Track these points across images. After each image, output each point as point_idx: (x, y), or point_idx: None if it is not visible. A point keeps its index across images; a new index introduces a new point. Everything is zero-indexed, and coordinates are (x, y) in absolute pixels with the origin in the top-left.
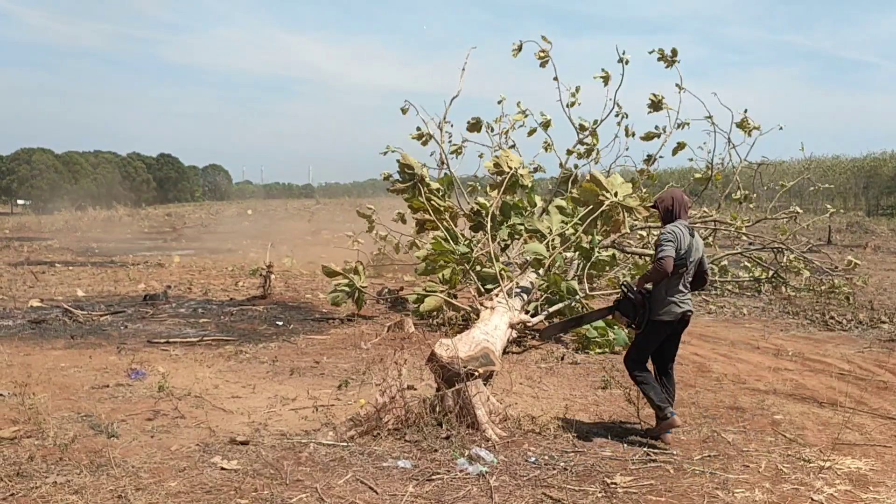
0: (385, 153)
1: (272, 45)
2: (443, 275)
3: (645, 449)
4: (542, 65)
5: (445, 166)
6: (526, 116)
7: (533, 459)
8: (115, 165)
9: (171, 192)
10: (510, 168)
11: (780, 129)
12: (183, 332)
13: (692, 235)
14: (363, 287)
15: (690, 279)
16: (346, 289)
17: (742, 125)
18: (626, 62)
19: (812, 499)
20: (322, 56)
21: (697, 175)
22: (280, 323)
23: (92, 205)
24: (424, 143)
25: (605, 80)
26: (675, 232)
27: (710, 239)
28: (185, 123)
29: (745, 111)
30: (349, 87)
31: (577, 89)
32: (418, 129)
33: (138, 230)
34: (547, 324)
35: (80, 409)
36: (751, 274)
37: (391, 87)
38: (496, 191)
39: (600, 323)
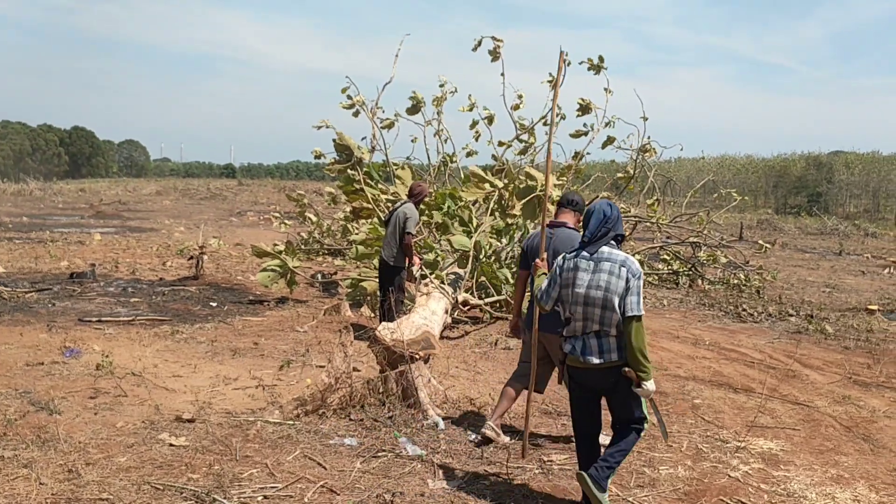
0: (319, 128)
1: (197, 21)
2: (377, 261)
3: None
4: (494, 59)
5: (379, 150)
6: (472, 109)
7: (473, 438)
8: (25, 137)
9: (84, 166)
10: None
11: (681, 149)
12: (114, 312)
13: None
14: (295, 267)
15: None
16: (278, 269)
17: (644, 149)
18: (569, 63)
19: (729, 475)
20: (249, 35)
21: (620, 175)
22: (214, 304)
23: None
24: (356, 115)
25: (553, 84)
26: None
27: (630, 234)
28: (101, 96)
29: (649, 137)
30: (276, 68)
31: (521, 96)
32: (349, 97)
33: (52, 206)
34: (484, 307)
35: (17, 386)
36: (669, 267)
37: (319, 69)
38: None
39: None
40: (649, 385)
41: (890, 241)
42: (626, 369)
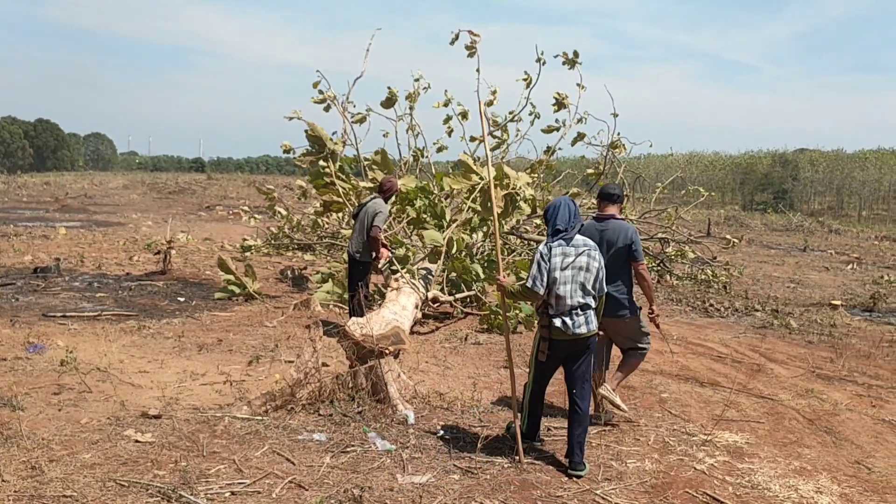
0: (291, 118)
1: (167, 12)
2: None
3: (546, 424)
4: (470, 55)
5: (350, 145)
6: (447, 105)
7: (442, 433)
8: None
9: (49, 159)
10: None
11: (650, 145)
12: (79, 307)
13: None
14: (256, 291)
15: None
16: (236, 289)
17: (614, 145)
18: (544, 62)
19: (695, 468)
20: (220, 27)
21: (590, 171)
22: (182, 299)
23: None
24: (327, 109)
25: (528, 82)
26: None
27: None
28: (66, 88)
29: (619, 134)
30: (247, 61)
31: (495, 93)
32: (320, 92)
33: (16, 199)
34: (454, 303)
35: None
36: None
37: (291, 63)
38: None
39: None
40: None
41: (853, 238)
42: (601, 332)
